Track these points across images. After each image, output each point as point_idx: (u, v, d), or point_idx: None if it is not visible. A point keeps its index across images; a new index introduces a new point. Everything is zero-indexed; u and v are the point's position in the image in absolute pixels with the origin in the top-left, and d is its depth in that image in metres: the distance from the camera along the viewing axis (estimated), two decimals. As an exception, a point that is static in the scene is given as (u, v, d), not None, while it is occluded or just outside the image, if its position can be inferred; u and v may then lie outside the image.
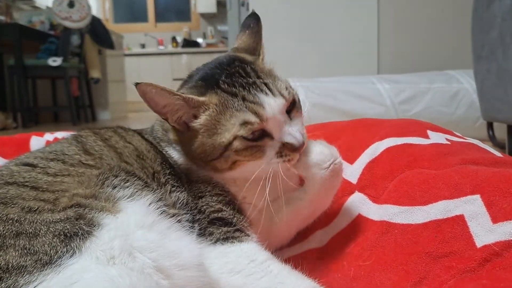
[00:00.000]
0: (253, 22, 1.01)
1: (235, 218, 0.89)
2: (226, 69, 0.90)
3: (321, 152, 0.93)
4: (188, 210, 0.88)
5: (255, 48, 0.98)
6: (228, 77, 0.89)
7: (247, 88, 0.87)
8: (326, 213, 1.03)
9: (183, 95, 0.86)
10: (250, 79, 0.88)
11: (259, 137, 0.86)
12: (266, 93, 0.86)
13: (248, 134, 0.85)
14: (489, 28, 2.18)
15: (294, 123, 0.90)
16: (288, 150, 0.87)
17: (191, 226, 0.85)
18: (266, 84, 0.88)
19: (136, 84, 0.83)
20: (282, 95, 0.88)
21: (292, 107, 0.90)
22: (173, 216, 0.82)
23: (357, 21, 4.03)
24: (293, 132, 0.87)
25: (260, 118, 0.84)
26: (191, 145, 0.91)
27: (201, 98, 0.87)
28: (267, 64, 0.97)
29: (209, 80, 0.90)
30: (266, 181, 0.88)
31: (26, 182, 0.77)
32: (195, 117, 0.89)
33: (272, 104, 0.86)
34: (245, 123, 0.84)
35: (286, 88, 0.90)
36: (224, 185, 0.94)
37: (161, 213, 0.79)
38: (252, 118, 0.84)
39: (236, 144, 0.86)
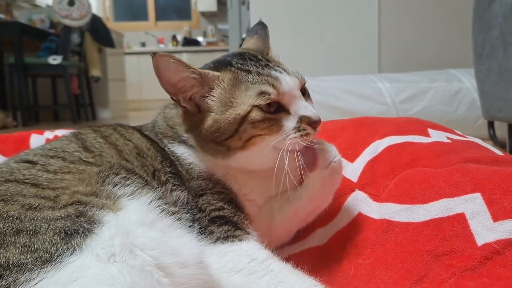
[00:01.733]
0: (261, 29, 1.05)
1: (236, 217, 0.89)
2: (237, 56, 0.93)
3: (320, 150, 0.93)
4: (188, 210, 0.88)
5: (263, 50, 1.01)
6: (240, 60, 0.91)
7: (261, 67, 0.89)
8: (326, 212, 1.03)
9: (198, 69, 0.87)
10: (263, 62, 0.91)
11: (275, 111, 0.86)
12: (280, 71, 0.89)
13: (265, 103, 0.85)
14: (490, 27, 2.18)
15: (308, 102, 0.92)
16: (305, 124, 0.87)
17: (191, 225, 0.85)
18: (279, 66, 0.91)
19: (154, 55, 0.83)
20: (295, 75, 0.91)
21: (303, 92, 0.92)
22: (174, 214, 0.82)
23: (358, 20, 4.02)
24: (309, 106, 0.89)
25: (277, 90, 0.85)
26: (203, 125, 0.90)
27: (216, 73, 0.89)
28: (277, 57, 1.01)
29: (222, 62, 0.93)
30: (275, 169, 0.87)
31: (26, 179, 0.77)
32: (209, 93, 0.89)
33: (288, 80, 0.88)
34: (262, 93, 0.85)
35: (298, 73, 0.93)
36: (225, 182, 0.93)
37: (162, 211, 0.79)
38: (269, 89, 0.85)
39: (253, 114, 0.85)
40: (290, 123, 0.86)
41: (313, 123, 0.87)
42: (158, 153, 0.96)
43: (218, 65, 0.92)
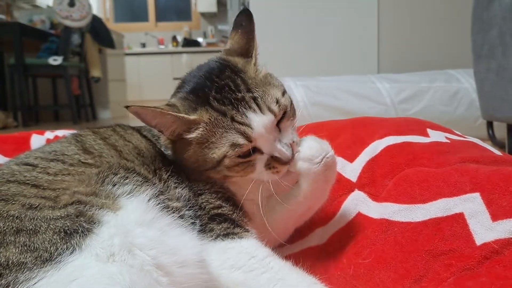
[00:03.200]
0: (245, 21, 0.98)
1: (235, 214, 0.90)
2: (216, 81, 0.89)
3: (311, 147, 0.92)
4: (190, 206, 0.89)
5: (248, 49, 0.96)
6: (218, 91, 0.88)
7: (235, 106, 0.86)
8: (325, 211, 1.04)
9: (174, 113, 0.86)
10: (240, 94, 0.87)
11: (249, 154, 0.87)
12: (254, 110, 0.86)
13: (237, 154, 0.86)
14: (489, 27, 2.18)
15: (284, 135, 0.90)
16: (277, 162, 0.89)
17: (193, 222, 0.86)
18: (255, 100, 0.87)
19: (127, 107, 0.84)
20: (271, 111, 0.87)
21: (283, 118, 0.90)
22: (176, 210, 0.82)
23: (357, 20, 4.02)
24: (281, 149, 0.88)
25: (248, 139, 0.85)
26: (184, 153, 0.92)
27: (192, 117, 0.87)
28: (261, 67, 0.96)
29: (199, 93, 0.90)
30: (260, 183, 0.91)
31: (27, 180, 0.77)
32: (188, 130, 0.89)
33: (260, 123, 0.86)
34: (234, 145, 0.86)
35: (277, 101, 0.89)
36: (223, 183, 0.94)
37: (162, 208, 0.79)
38: (241, 140, 0.85)
39: (227, 161, 0.87)
40: (262, 162, 0.90)
41: (283, 164, 0.89)
42: (157, 153, 0.97)
43: (196, 99, 0.89)
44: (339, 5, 4.00)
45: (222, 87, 0.88)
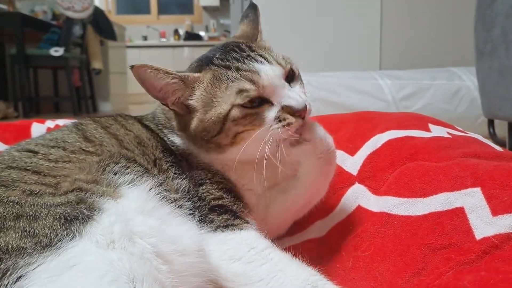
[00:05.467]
0: (251, 12, 1.04)
1: (235, 206, 0.90)
2: (220, 49, 0.92)
3: (313, 139, 0.90)
4: (189, 198, 0.88)
5: (254, 34, 1.00)
6: (222, 54, 0.90)
7: (241, 60, 0.87)
8: (325, 204, 1.04)
9: (177, 73, 0.87)
10: (245, 53, 0.89)
11: (258, 105, 0.85)
12: (261, 62, 0.87)
13: (245, 101, 0.84)
14: (492, 25, 2.17)
15: (294, 88, 0.89)
16: (288, 113, 0.85)
17: (192, 213, 0.86)
18: (261, 55, 0.88)
19: (132, 67, 0.83)
20: (278, 63, 0.88)
21: (292, 78, 0.91)
22: (175, 201, 0.82)
23: (360, 16, 4.01)
24: (292, 95, 0.85)
25: (256, 85, 0.84)
26: (190, 125, 0.91)
27: (196, 74, 0.89)
28: (265, 42, 0.99)
29: (204, 60, 0.93)
30: (264, 161, 0.85)
31: (28, 167, 0.78)
32: (192, 92, 0.90)
33: (268, 71, 0.85)
34: (241, 91, 0.84)
35: (283, 58, 0.90)
36: (224, 172, 0.94)
37: (162, 198, 0.79)
38: (248, 85, 0.84)
39: (234, 112, 0.85)
40: (272, 113, 0.85)
41: (296, 112, 0.84)
42: (159, 143, 0.96)
43: (201, 64, 0.92)
44: (342, 1, 3.99)
45: (228, 51, 0.91)
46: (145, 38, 10.43)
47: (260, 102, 0.85)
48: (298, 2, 3.99)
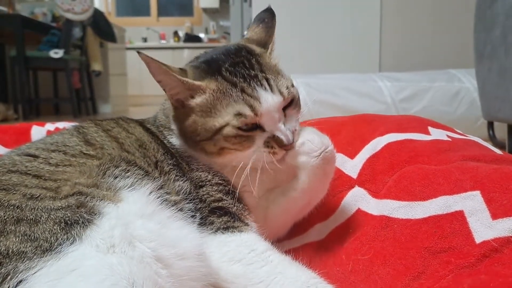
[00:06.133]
0: (268, 17, 1.04)
1: (235, 208, 0.90)
2: (231, 57, 0.92)
3: (311, 140, 0.92)
4: (190, 200, 0.89)
5: (267, 41, 1.00)
6: (232, 65, 0.90)
7: (247, 80, 0.88)
8: (325, 207, 1.04)
9: (179, 77, 0.87)
10: (253, 72, 0.89)
11: (251, 129, 0.87)
12: (265, 88, 0.88)
13: (240, 125, 0.86)
14: (491, 26, 2.17)
15: (289, 120, 0.91)
16: (276, 143, 0.88)
17: (193, 215, 0.86)
18: (267, 80, 0.89)
19: (139, 53, 0.85)
20: (280, 92, 0.89)
21: (289, 105, 0.91)
22: (175, 204, 0.82)
23: (360, 18, 4.01)
24: (284, 131, 0.88)
25: (255, 112, 0.85)
26: (184, 121, 0.92)
27: (197, 83, 0.89)
28: (274, 59, 0.98)
29: (212, 64, 0.92)
30: (257, 171, 0.89)
31: (29, 170, 0.78)
32: (192, 97, 0.90)
33: (269, 100, 0.87)
34: (239, 114, 0.86)
35: (287, 87, 0.91)
36: (223, 174, 0.94)
37: (162, 201, 0.79)
38: (247, 111, 0.85)
39: (227, 130, 0.87)
40: (262, 139, 0.89)
41: (283, 146, 0.89)
42: (160, 146, 0.97)
43: (207, 68, 0.91)
44: (342, 2, 3.99)
45: (237, 63, 0.91)
46: (145, 39, 10.45)
47: (254, 127, 0.87)
48: (298, 5, 4.00)
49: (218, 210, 0.89)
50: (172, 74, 0.87)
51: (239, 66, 0.90)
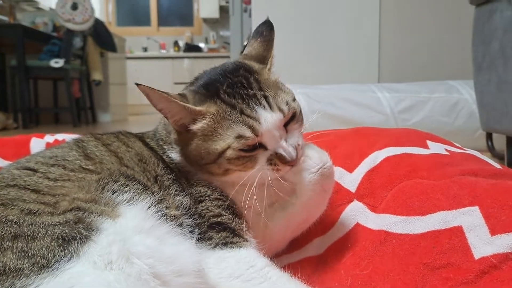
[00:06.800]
0: (266, 30, 1.02)
1: (234, 223, 0.90)
2: (229, 77, 0.91)
3: (309, 156, 0.92)
4: (190, 215, 0.88)
5: (265, 56, 0.99)
6: (229, 86, 0.89)
7: (246, 101, 0.87)
8: (324, 221, 1.03)
9: (181, 103, 0.87)
10: (251, 91, 0.88)
11: (252, 149, 0.87)
12: (264, 107, 0.87)
13: (241, 147, 0.86)
14: (490, 40, 2.19)
15: (290, 136, 0.90)
16: (279, 160, 0.88)
17: (192, 230, 0.86)
18: (266, 98, 0.88)
19: (137, 84, 0.85)
20: (280, 110, 0.88)
21: (291, 120, 0.91)
22: (175, 219, 0.82)
23: (359, 29, 4.04)
24: (286, 147, 0.87)
25: (255, 133, 0.85)
26: (188, 146, 0.92)
27: (198, 108, 0.88)
28: (274, 74, 0.97)
29: (211, 87, 0.91)
30: (256, 187, 0.88)
31: (27, 185, 0.77)
32: (194, 121, 0.89)
33: (269, 119, 0.86)
34: (240, 137, 0.85)
35: (287, 103, 0.89)
36: (223, 190, 0.94)
37: (161, 216, 0.79)
38: (247, 132, 0.85)
39: (229, 153, 0.86)
40: (264, 157, 0.88)
41: (287, 163, 0.88)
42: (160, 161, 0.96)
43: (206, 93, 0.90)
44: (341, 14, 4.02)
45: (235, 83, 0.90)
46: (145, 49, 10.49)
47: (255, 147, 0.87)
48: (299, 16, 4.02)
49: (217, 225, 0.88)
50: (174, 101, 0.86)
51: (237, 86, 0.89)
